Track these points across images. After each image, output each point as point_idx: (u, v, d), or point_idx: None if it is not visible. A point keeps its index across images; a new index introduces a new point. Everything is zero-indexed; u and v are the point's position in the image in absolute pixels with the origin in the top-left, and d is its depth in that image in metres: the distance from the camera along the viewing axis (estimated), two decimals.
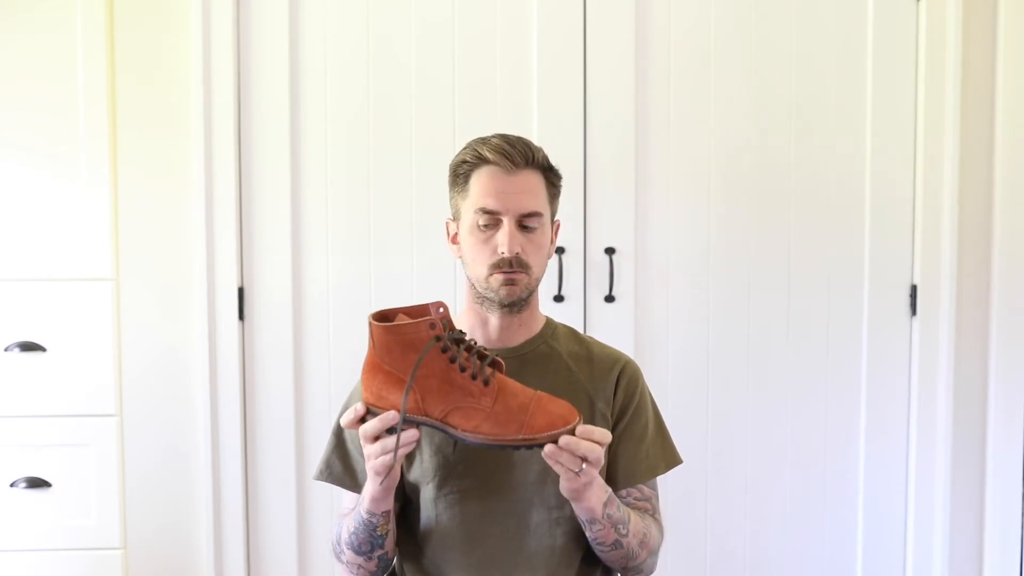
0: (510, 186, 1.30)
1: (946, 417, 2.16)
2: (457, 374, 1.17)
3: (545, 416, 1.16)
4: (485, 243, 1.31)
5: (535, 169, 1.32)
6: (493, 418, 1.16)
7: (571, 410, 1.18)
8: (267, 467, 2.12)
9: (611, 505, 1.27)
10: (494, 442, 1.16)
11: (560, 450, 1.15)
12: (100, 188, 2.05)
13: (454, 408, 1.17)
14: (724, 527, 2.19)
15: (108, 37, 2.04)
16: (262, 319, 2.10)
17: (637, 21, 2.09)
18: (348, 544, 1.33)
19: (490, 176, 1.31)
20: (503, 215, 1.30)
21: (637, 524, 1.32)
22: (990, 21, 2.14)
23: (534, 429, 1.15)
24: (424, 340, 1.17)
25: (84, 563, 2.08)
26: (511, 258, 1.29)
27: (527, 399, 1.18)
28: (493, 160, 1.30)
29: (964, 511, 2.19)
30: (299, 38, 2.08)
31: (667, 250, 2.14)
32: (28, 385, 2.05)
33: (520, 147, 1.31)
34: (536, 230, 1.32)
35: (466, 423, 1.17)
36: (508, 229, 1.29)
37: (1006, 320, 2.16)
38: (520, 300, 1.33)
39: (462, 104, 2.10)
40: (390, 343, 1.18)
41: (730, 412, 2.18)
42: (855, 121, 2.15)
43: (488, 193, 1.30)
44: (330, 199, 2.10)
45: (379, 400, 1.19)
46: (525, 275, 1.31)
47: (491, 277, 1.31)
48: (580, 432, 1.16)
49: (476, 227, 1.31)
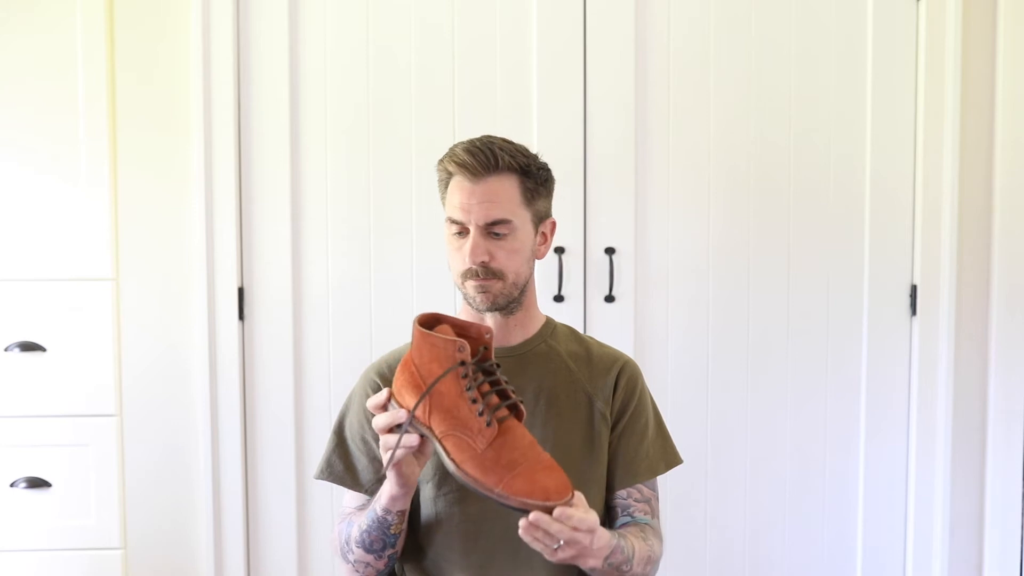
0: (473, 196, 1.29)
1: (946, 417, 2.16)
2: (465, 405, 1.16)
3: (528, 483, 1.12)
4: (457, 251, 1.32)
5: (504, 173, 1.29)
6: (478, 460, 1.14)
7: (563, 487, 1.13)
8: (267, 467, 2.12)
9: (614, 554, 1.23)
10: (472, 484, 1.14)
11: (532, 526, 1.10)
12: (100, 188, 2.05)
13: (451, 434, 1.16)
14: (724, 527, 2.19)
15: (108, 37, 2.04)
16: (262, 319, 2.10)
17: (637, 21, 2.09)
18: (359, 542, 1.32)
19: (456, 186, 1.31)
20: (468, 224, 1.30)
21: (641, 552, 1.29)
22: (990, 21, 2.14)
23: (511, 490, 1.11)
24: (451, 360, 1.17)
25: (84, 563, 2.08)
26: (477, 267, 1.29)
27: (521, 458, 1.14)
28: (455, 171, 1.30)
29: (964, 511, 2.19)
30: (299, 38, 2.08)
31: (667, 250, 2.13)
32: (28, 385, 2.05)
33: (482, 154, 1.28)
34: (506, 236, 1.30)
35: (456, 453, 1.16)
36: (472, 239, 1.29)
37: (1006, 320, 2.16)
38: (498, 306, 1.33)
39: (462, 105, 2.09)
40: (423, 348, 1.20)
41: (730, 412, 2.18)
42: (855, 121, 2.15)
43: (453, 204, 1.31)
44: (330, 199, 2.10)
45: (398, 395, 1.21)
46: (499, 281, 1.31)
47: (465, 284, 1.32)
48: (558, 514, 1.10)
49: (450, 236, 1.33)
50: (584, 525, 1.12)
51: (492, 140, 1.31)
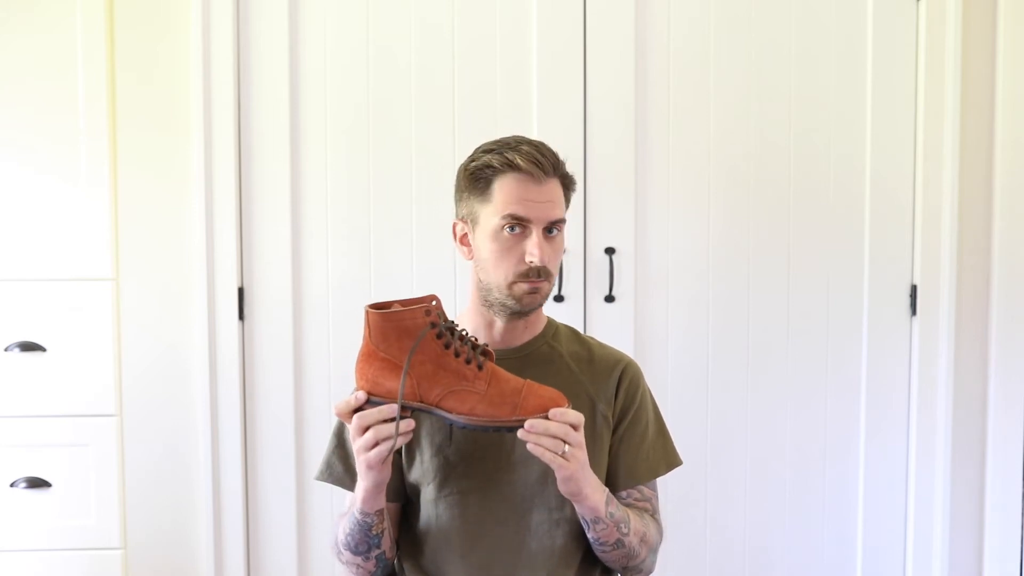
0: (539, 195, 1.30)
1: (946, 417, 2.16)
2: (452, 359, 1.20)
3: (537, 399, 1.20)
4: (510, 250, 1.30)
5: (556, 178, 1.32)
6: (487, 400, 1.19)
7: (559, 395, 1.21)
8: (267, 467, 2.12)
9: (612, 504, 1.29)
10: (490, 423, 1.19)
11: (533, 432, 1.17)
12: (100, 188, 2.05)
13: (449, 392, 1.20)
14: (724, 527, 2.19)
15: (108, 37, 2.04)
16: (262, 319, 2.10)
17: (637, 21, 2.09)
18: (345, 545, 1.33)
19: (519, 183, 1.30)
20: (533, 223, 1.29)
21: (637, 522, 1.33)
22: (990, 21, 2.14)
23: (527, 411, 1.19)
24: (420, 326, 1.20)
25: (84, 563, 2.08)
26: (538, 267, 1.29)
27: (519, 384, 1.21)
28: (525, 168, 1.29)
29: (964, 511, 2.19)
30: (299, 38, 2.08)
31: (667, 250, 2.14)
32: (28, 385, 2.05)
33: (551, 157, 1.31)
34: (556, 237, 1.33)
35: (461, 406, 1.19)
36: (537, 238, 1.29)
37: (1006, 320, 2.16)
38: (537, 306, 1.34)
39: (462, 105, 2.09)
40: (387, 330, 1.20)
41: (730, 412, 2.18)
42: (855, 121, 2.15)
43: (517, 200, 1.29)
44: (330, 199, 2.10)
45: (375, 387, 1.21)
46: (547, 283, 1.32)
47: (515, 285, 1.30)
48: (553, 413, 1.19)
49: (500, 233, 1.30)
50: (579, 420, 1.20)
51: (542, 144, 1.33)
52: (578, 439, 1.20)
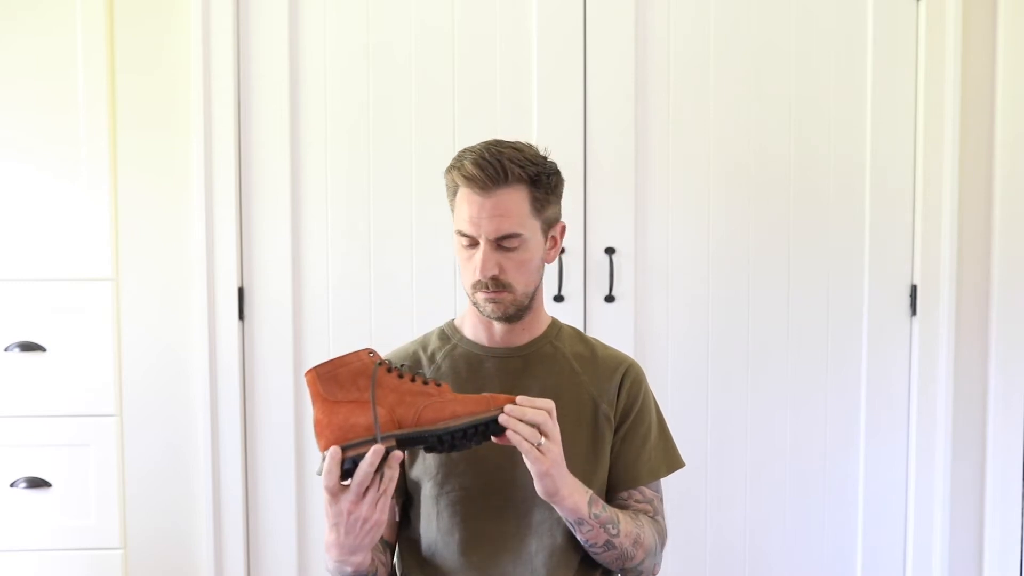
0: (483, 209, 1.27)
1: (946, 417, 2.16)
2: (410, 384, 1.22)
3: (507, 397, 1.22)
4: (467, 262, 1.31)
5: (514, 185, 1.27)
6: (461, 403, 1.21)
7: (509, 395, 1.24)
8: (267, 467, 2.12)
9: (595, 505, 1.27)
10: (469, 421, 1.19)
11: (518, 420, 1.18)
12: (100, 188, 2.05)
13: (424, 407, 1.21)
14: (724, 527, 2.19)
15: (108, 37, 2.04)
16: (262, 319, 2.10)
17: (637, 22, 2.09)
18: None
19: (465, 198, 1.29)
20: (478, 238, 1.28)
21: (628, 524, 1.32)
22: (990, 21, 2.14)
23: (497, 403, 1.20)
24: (368, 365, 1.22)
25: (84, 563, 2.08)
26: (487, 281, 1.29)
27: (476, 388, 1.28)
28: (468, 182, 1.27)
29: (964, 511, 2.19)
30: (299, 38, 2.08)
31: (667, 250, 2.14)
32: (28, 385, 2.05)
33: (491, 167, 1.25)
34: (516, 249, 1.29)
35: (441, 414, 1.20)
36: (483, 252, 1.28)
37: (1006, 320, 2.16)
38: (508, 315, 1.33)
39: (462, 105, 2.09)
40: (338, 375, 1.21)
41: (730, 412, 2.18)
42: (855, 121, 2.15)
43: (462, 217, 1.29)
44: (330, 199, 2.10)
45: (347, 433, 1.18)
46: (508, 293, 1.30)
47: (476, 294, 1.32)
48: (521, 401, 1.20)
49: (459, 245, 1.32)
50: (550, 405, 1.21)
51: (501, 151, 1.28)
52: (554, 431, 1.20)
